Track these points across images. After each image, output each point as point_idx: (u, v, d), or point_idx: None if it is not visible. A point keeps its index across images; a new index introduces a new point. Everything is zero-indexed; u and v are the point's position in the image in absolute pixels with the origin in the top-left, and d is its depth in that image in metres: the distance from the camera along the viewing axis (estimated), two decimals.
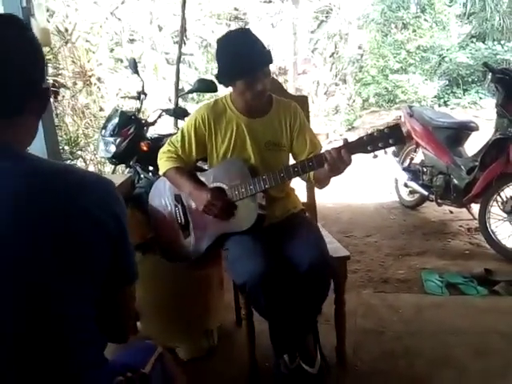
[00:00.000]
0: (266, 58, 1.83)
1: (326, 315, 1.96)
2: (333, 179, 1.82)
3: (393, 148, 3.94)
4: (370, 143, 1.61)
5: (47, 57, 4.21)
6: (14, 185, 0.81)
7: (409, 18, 9.29)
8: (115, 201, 0.91)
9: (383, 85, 9.03)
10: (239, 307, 2.32)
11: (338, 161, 1.63)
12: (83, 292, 0.85)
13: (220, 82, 1.92)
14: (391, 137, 1.59)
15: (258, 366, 1.97)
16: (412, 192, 4.16)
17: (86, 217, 0.84)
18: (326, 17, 9.66)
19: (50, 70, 4.55)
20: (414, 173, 4.00)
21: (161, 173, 2.01)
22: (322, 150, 1.85)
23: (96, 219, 0.85)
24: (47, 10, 4.91)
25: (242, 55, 1.78)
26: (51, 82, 4.49)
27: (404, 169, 4.07)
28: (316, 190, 2.25)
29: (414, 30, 9.22)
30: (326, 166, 1.66)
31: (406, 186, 4.10)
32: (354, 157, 1.66)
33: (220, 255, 2.05)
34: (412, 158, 4.14)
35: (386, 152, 3.87)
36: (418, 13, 9.32)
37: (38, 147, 2.28)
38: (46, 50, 3.93)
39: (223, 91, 2.52)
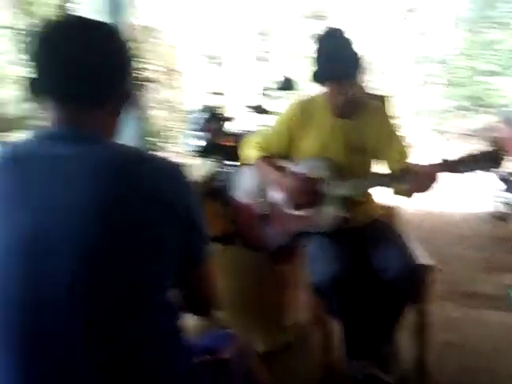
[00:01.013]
0: (356, 64, 1.79)
1: (405, 324, 1.88)
2: None
3: None
4: (465, 164, 1.53)
5: (134, 51, 4.39)
6: (99, 169, 0.86)
7: (506, 18, 8.71)
8: (188, 189, 0.96)
9: (473, 87, 8.56)
10: (316, 306, 2.30)
11: (427, 178, 1.58)
12: (159, 266, 0.89)
13: (313, 79, 1.90)
14: (490, 160, 1.51)
15: (332, 367, 1.94)
16: (506, 203, 3.94)
17: (163, 203, 0.89)
18: (415, 14, 9.30)
19: (138, 65, 4.75)
20: (507, 182, 3.79)
21: (248, 161, 2.06)
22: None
23: (170, 206, 0.90)
24: (136, 6, 5.13)
25: (333, 58, 1.77)
26: (138, 75, 4.69)
27: (497, 178, 3.86)
28: None
29: (510, 30, 8.64)
30: (414, 181, 1.60)
31: (499, 196, 3.89)
32: None
33: (299, 252, 2.05)
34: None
35: (484, 176, 3.69)
36: None
37: (126, 138, 2.41)
38: (134, 45, 4.12)
39: (305, 91, 2.50)
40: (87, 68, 0.92)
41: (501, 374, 1.99)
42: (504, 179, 3.86)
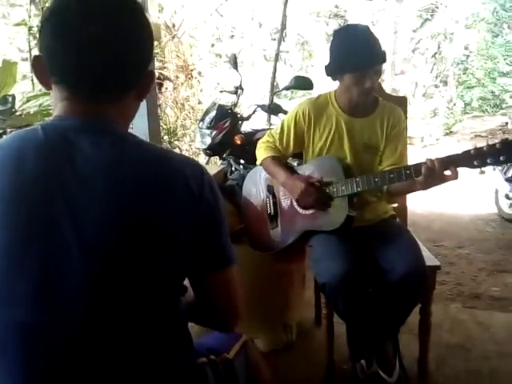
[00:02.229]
0: (381, 56, 1.78)
1: (409, 325, 1.89)
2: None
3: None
4: (478, 158, 1.49)
5: (155, 51, 4.47)
6: (114, 169, 0.80)
7: None
8: (210, 188, 0.88)
9: (489, 88, 8.49)
10: (319, 306, 2.32)
11: (439, 173, 1.55)
12: (169, 271, 0.85)
13: (328, 74, 1.86)
14: (503, 153, 1.46)
15: (335, 367, 1.96)
16: None
17: (182, 202, 0.83)
18: (431, 15, 9.22)
19: (156, 64, 4.83)
20: None
21: (258, 162, 2.05)
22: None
23: (190, 205, 0.84)
24: (157, 5, 5.18)
25: (358, 48, 1.75)
26: (157, 74, 4.76)
27: (507, 179, 3.81)
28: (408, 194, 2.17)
29: None
30: (423, 176, 1.57)
31: (507, 197, 3.86)
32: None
33: (304, 251, 2.07)
34: None
35: (494, 169, 3.69)
36: None
37: (142, 133, 2.45)
38: (154, 43, 4.18)
39: (318, 90, 2.51)
40: (110, 49, 0.80)
41: (505, 379, 1.98)
42: (509, 180, 3.82)
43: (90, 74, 0.81)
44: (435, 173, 1.55)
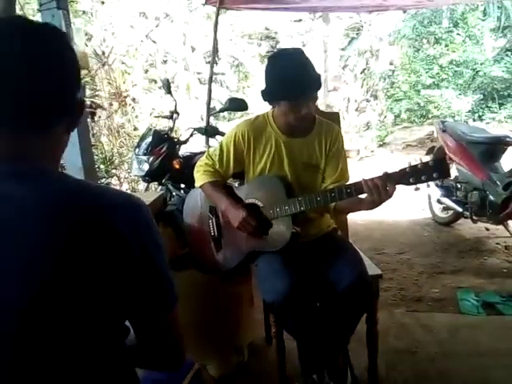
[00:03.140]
0: (316, 83, 1.78)
1: (357, 334, 1.92)
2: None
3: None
4: (413, 175, 1.57)
5: (85, 79, 4.39)
6: (40, 207, 0.77)
7: (441, 33, 9.22)
8: (145, 228, 0.85)
9: (415, 100, 8.98)
10: (269, 324, 2.32)
11: (379, 190, 1.60)
12: (106, 313, 0.82)
13: (264, 99, 1.87)
14: (436, 171, 1.55)
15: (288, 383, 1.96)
16: (446, 208, 4.09)
17: (113, 241, 0.80)
18: (357, 34, 9.67)
19: (88, 92, 4.72)
20: (447, 189, 3.93)
21: (197, 185, 2.02)
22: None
23: (123, 245, 0.80)
24: (85, 35, 5.12)
25: (292, 77, 1.73)
26: (88, 103, 4.65)
27: (437, 185, 4.00)
28: None
29: (447, 45, 9.15)
30: (366, 194, 1.63)
31: (439, 202, 4.03)
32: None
33: (251, 271, 2.06)
34: None
35: (428, 185, 3.87)
36: (450, 27, 9.23)
37: (75, 166, 2.38)
38: (84, 72, 4.10)
39: (254, 110, 2.54)
40: (32, 82, 0.77)
41: (451, 377, 2.05)
42: (440, 185, 4.01)
43: (15, 109, 0.78)
44: (376, 189, 1.60)
